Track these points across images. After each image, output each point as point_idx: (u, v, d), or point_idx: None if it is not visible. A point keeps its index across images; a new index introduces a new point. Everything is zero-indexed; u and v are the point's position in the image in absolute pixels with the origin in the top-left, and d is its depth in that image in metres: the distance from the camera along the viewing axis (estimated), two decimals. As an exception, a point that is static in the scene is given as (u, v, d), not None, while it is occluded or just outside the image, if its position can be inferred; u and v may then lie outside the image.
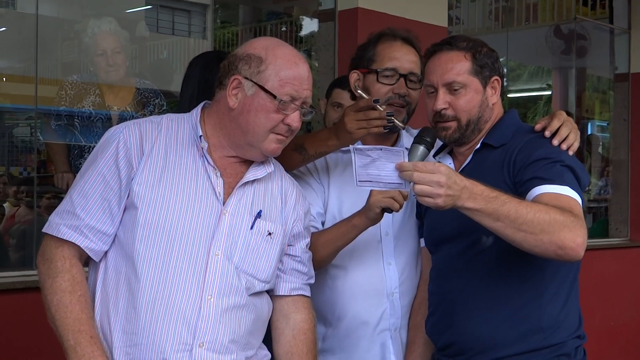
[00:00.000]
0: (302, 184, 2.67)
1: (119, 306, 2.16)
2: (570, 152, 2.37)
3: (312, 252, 2.50)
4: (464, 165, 2.52)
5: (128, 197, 2.18)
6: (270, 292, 2.39)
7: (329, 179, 2.72)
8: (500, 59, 2.59)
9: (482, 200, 2.08)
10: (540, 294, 2.38)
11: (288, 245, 2.39)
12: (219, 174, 2.24)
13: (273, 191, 2.35)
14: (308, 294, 2.46)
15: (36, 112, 4.89)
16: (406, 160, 2.11)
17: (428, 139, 2.32)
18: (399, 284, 2.70)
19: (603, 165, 8.51)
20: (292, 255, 2.41)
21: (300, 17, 8.74)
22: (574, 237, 2.10)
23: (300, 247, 2.43)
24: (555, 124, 2.41)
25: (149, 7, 7.04)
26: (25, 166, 5.41)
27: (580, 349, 2.45)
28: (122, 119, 4.63)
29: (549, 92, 11.61)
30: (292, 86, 2.19)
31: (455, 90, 2.45)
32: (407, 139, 2.78)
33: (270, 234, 2.29)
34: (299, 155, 2.56)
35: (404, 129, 2.63)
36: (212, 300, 2.16)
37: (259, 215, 2.28)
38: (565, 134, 2.39)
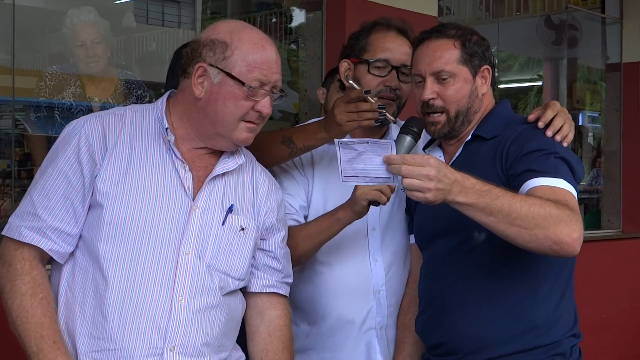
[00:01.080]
0: (285, 176, 2.61)
1: (86, 309, 2.07)
2: (565, 144, 2.30)
3: (293, 246, 2.43)
4: (454, 158, 2.45)
5: (92, 195, 2.08)
6: (243, 290, 2.31)
7: (313, 172, 2.64)
8: (492, 50, 2.51)
9: (473, 194, 2.01)
10: (534, 291, 2.31)
11: (261, 240, 2.31)
12: (187, 168, 2.15)
13: (244, 183, 2.27)
14: (283, 292, 2.38)
15: (13, 104, 4.79)
16: (394, 153, 2.03)
17: (415, 129, 2.25)
18: (386, 281, 2.63)
19: (594, 156, 8.51)
20: (265, 250, 2.33)
21: (291, 8, 8.67)
22: (569, 232, 2.04)
23: (275, 242, 2.34)
24: (549, 115, 2.33)
25: (138, -3, 6.98)
26: (7, 159, 5.32)
27: (575, 348, 2.39)
28: (104, 110, 4.55)
29: (540, 83, 11.58)
30: (260, 71, 2.11)
31: (444, 79, 2.38)
32: (396, 132, 2.69)
33: (243, 229, 2.21)
34: (287, 149, 2.47)
35: (395, 122, 2.55)
36: (183, 301, 2.08)
37: (230, 209, 2.19)
38: (560, 125, 2.32)
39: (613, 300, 6.93)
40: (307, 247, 2.49)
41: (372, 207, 2.41)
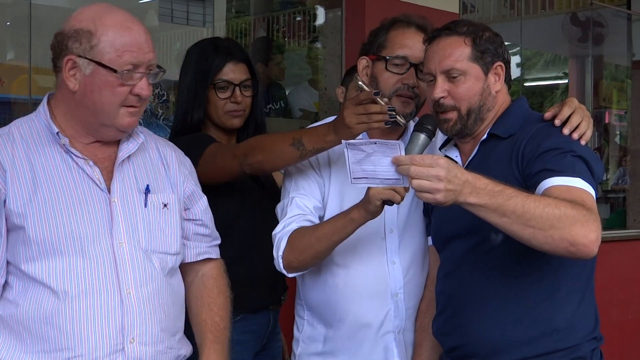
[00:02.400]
0: (301, 176, 2.59)
1: (33, 330, 2.06)
2: (583, 142, 2.25)
3: (306, 246, 2.43)
4: (470, 158, 2.41)
5: (7, 220, 2.07)
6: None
7: (330, 172, 2.60)
8: (516, 48, 2.48)
9: (485, 195, 1.98)
10: (553, 293, 2.27)
11: (185, 210, 2.32)
12: (91, 163, 2.15)
13: (153, 160, 2.28)
14: (214, 256, 2.43)
15: (31, 102, 4.80)
16: (403, 154, 2.00)
17: (429, 127, 2.21)
18: (404, 283, 2.59)
19: (621, 154, 8.44)
20: (192, 220, 2.36)
21: (315, 6, 8.68)
22: (586, 233, 1.99)
23: (200, 209, 2.38)
24: (565, 112, 2.28)
25: (163, -4, 7.03)
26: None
27: (596, 351, 2.35)
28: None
29: (566, 81, 11.51)
30: (130, 54, 2.08)
31: (454, 77, 2.33)
32: (408, 135, 2.67)
33: (165, 205, 2.23)
34: (296, 151, 2.43)
35: (405, 124, 2.49)
36: (132, 292, 2.10)
37: (147, 190, 2.20)
38: (577, 123, 2.26)
39: (638, 301, 6.86)
40: (321, 248, 2.45)
41: (389, 209, 2.37)
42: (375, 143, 2.03)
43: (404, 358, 2.62)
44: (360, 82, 2.42)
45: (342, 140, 2.08)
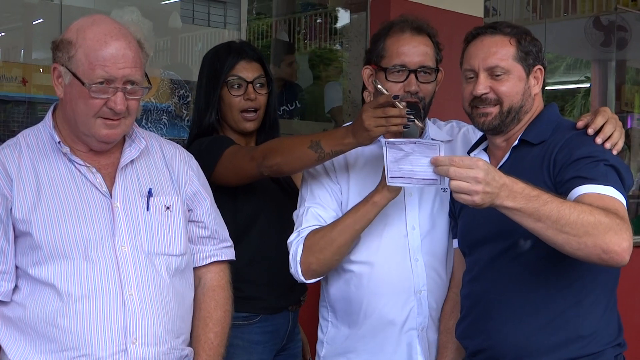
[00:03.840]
0: (316, 184, 2.62)
1: (40, 330, 2.13)
2: (615, 152, 2.26)
3: (328, 243, 2.47)
4: (501, 164, 2.42)
5: (14, 227, 2.14)
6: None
7: (348, 176, 2.63)
8: (539, 51, 2.49)
9: (522, 199, 1.98)
10: (580, 300, 2.28)
11: (189, 211, 2.36)
12: (94, 170, 2.20)
13: (157, 164, 2.32)
14: (223, 258, 2.45)
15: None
16: (442, 154, 2.02)
17: (413, 112, 2.28)
18: (427, 281, 2.61)
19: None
20: (196, 222, 2.39)
21: (336, 8, 8.68)
22: (619, 241, 2.00)
23: (203, 211, 2.40)
24: (599, 121, 2.29)
25: (185, -2, 7.05)
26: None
27: (620, 357, 2.35)
28: (146, 110, 4.58)
29: (588, 85, 11.46)
30: (103, 68, 2.10)
31: (497, 75, 2.35)
32: (433, 131, 2.69)
33: (168, 207, 2.27)
34: (314, 154, 2.45)
35: (422, 128, 2.51)
36: (134, 294, 2.15)
37: (150, 194, 2.24)
38: (610, 132, 2.28)
39: (661, 307, 6.81)
40: (343, 241, 2.49)
41: (410, 207, 2.42)
42: (415, 143, 2.05)
43: (427, 356, 2.63)
44: (379, 86, 2.47)
45: (382, 139, 2.10)
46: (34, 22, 5.64)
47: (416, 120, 2.36)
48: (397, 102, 2.30)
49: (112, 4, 5.69)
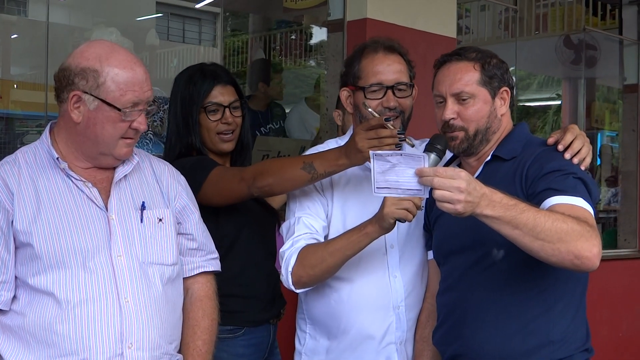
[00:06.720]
0: (306, 198, 2.69)
1: (39, 337, 2.21)
2: (583, 167, 2.37)
3: (319, 261, 2.53)
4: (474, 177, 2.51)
5: (15, 239, 2.23)
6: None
7: (332, 192, 2.71)
8: (510, 69, 2.59)
9: (500, 207, 2.08)
10: (550, 307, 2.37)
11: (178, 224, 2.45)
12: (90, 185, 2.30)
13: (148, 179, 2.43)
14: (211, 269, 2.55)
15: (46, 119, 4.90)
16: (427, 166, 2.11)
17: (439, 147, 2.33)
18: (405, 296, 2.68)
19: (613, 175, 8.47)
20: (185, 234, 2.48)
21: (310, 25, 8.75)
22: (590, 247, 2.11)
23: (191, 224, 2.50)
24: (568, 138, 2.40)
25: (160, 15, 7.05)
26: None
27: (587, 362, 2.44)
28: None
29: (559, 102, 11.59)
30: (133, 93, 2.23)
31: (464, 100, 2.46)
32: (407, 148, 2.78)
33: (160, 220, 2.37)
34: (307, 175, 2.53)
35: (413, 145, 2.59)
36: (130, 301, 2.23)
37: (143, 206, 2.35)
38: (578, 148, 2.39)
39: (629, 320, 6.90)
40: (333, 262, 2.55)
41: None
42: (402, 154, 2.13)
43: None
44: (370, 109, 2.55)
45: (370, 151, 2.18)
46: (11, 37, 5.69)
47: (407, 139, 2.45)
48: (388, 124, 2.40)
49: (87, 22, 5.74)
